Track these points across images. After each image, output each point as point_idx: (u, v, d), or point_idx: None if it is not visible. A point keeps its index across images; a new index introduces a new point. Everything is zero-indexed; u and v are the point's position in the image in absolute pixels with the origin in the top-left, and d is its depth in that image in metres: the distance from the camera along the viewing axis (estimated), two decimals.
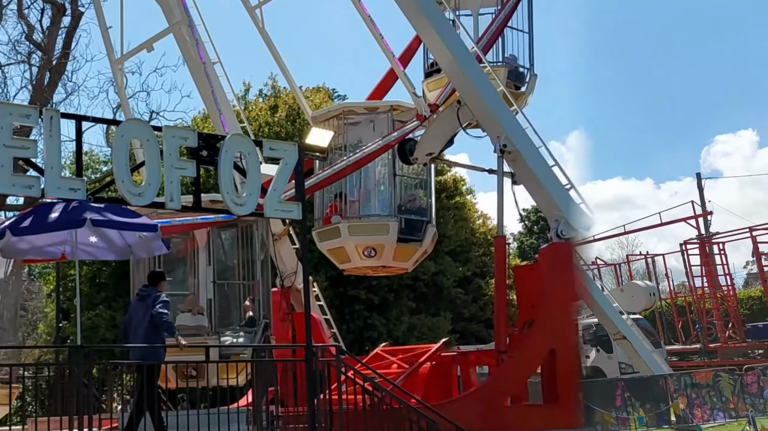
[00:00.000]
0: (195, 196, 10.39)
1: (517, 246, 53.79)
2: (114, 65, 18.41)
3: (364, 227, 16.05)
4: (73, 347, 10.00)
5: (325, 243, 16.45)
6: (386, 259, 15.95)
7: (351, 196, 16.50)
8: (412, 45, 18.30)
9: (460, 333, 29.27)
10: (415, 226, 16.25)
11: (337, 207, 16.07)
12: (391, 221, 15.92)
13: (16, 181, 9.15)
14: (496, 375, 14.15)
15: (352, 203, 16.37)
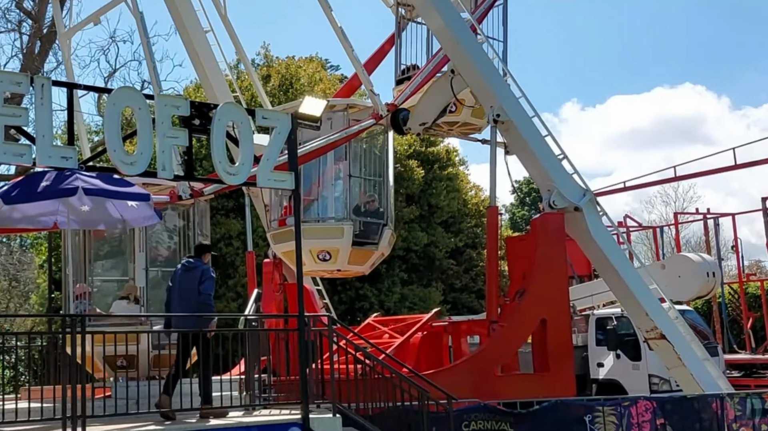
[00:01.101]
0: (187, 166, 10.37)
1: (509, 218, 53.91)
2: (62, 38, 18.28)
3: (317, 230, 15.35)
4: (67, 316, 10.01)
5: (280, 246, 15.72)
6: (341, 263, 15.36)
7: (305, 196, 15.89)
8: (384, 47, 18.19)
9: (452, 303, 29.42)
10: (372, 229, 15.57)
11: (291, 208, 15.08)
12: (345, 224, 15.26)
13: (7, 149, 9.07)
14: (487, 344, 14.23)
15: (306, 204, 15.82)
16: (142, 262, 13.84)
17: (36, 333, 12.91)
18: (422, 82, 15.74)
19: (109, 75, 31.98)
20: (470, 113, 16.30)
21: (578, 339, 19.20)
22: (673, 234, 27.67)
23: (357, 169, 15.77)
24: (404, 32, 17.44)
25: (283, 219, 15.67)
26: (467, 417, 11.87)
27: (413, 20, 17.41)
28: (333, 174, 15.91)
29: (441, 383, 11.60)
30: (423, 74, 15.80)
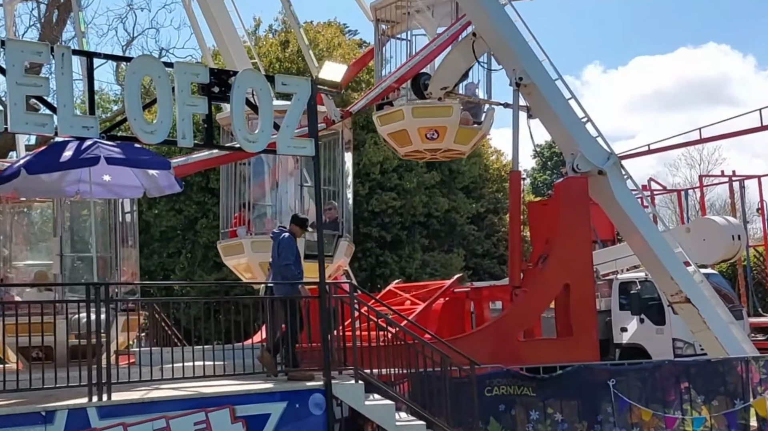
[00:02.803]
0: (207, 133, 10.43)
1: (531, 183, 53.71)
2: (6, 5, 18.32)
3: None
4: (90, 284, 10.16)
5: (229, 259, 15.51)
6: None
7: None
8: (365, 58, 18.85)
9: (473, 269, 29.51)
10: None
11: (243, 218, 15.16)
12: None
13: (29, 119, 9.20)
14: (509, 309, 14.31)
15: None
16: (57, 247, 13.28)
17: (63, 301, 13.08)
18: (381, 93, 15.93)
19: (127, 43, 32.08)
20: (453, 139, 16.50)
21: (601, 304, 19.29)
22: (697, 197, 27.92)
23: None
24: (385, 48, 17.61)
25: (234, 230, 15.20)
26: (490, 382, 12.00)
27: (394, 36, 17.47)
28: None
29: (463, 349, 11.70)
30: (384, 84, 15.88)
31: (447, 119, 16.23)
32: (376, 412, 10.57)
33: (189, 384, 10.26)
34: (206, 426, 9.55)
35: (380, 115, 16.86)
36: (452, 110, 16.14)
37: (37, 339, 10.01)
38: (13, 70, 8.92)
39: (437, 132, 16.21)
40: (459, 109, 16.20)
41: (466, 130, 16.51)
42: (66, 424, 8.84)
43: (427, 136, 16.14)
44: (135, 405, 9.31)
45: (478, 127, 16.81)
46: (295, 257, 11.45)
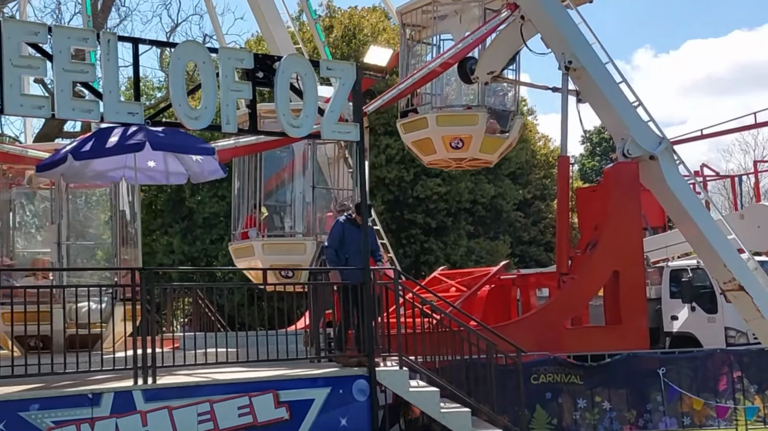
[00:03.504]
0: (251, 119, 10.53)
1: (579, 169, 53.21)
2: None
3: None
4: (136, 269, 10.36)
5: (240, 261, 15.53)
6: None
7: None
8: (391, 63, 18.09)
9: (520, 256, 29.40)
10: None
11: (255, 219, 15.10)
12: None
13: (75, 105, 9.35)
14: (557, 297, 14.26)
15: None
16: (55, 235, 13.21)
17: (104, 285, 13.34)
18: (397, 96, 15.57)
19: (171, 30, 32.44)
20: (478, 149, 16.32)
21: (651, 292, 19.10)
22: (752, 183, 27.41)
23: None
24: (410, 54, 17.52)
25: (246, 232, 15.07)
26: (536, 370, 11.98)
27: (421, 41, 17.35)
28: None
29: (509, 336, 11.70)
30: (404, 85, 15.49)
31: (472, 128, 16.03)
32: (420, 399, 10.63)
33: (232, 369, 10.43)
34: (250, 411, 9.69)
35: (404, 122, 16.72)
36: (477, 119, 15.94)
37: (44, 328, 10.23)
38: (60, 56, 9.07)
39: (462, 141, 16.01)
40: (485, 118, 15.97)
41: (492, 139, 16.30)
42: (112, 406, 9.05)
43: (451, 145, 15.95)
44: (179, 389, 9.49)
45: (504, 136, 16.56)
46: (338, 242, 11.55)
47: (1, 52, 8.64)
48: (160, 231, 27.02)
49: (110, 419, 9.02)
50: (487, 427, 10.77)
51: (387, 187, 26.97)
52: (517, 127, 16.66)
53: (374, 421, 10.39)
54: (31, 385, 9.29)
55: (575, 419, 12.07)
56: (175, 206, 27.29)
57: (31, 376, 9.32)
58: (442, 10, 16.87)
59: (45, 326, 10.18)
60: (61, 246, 12.95)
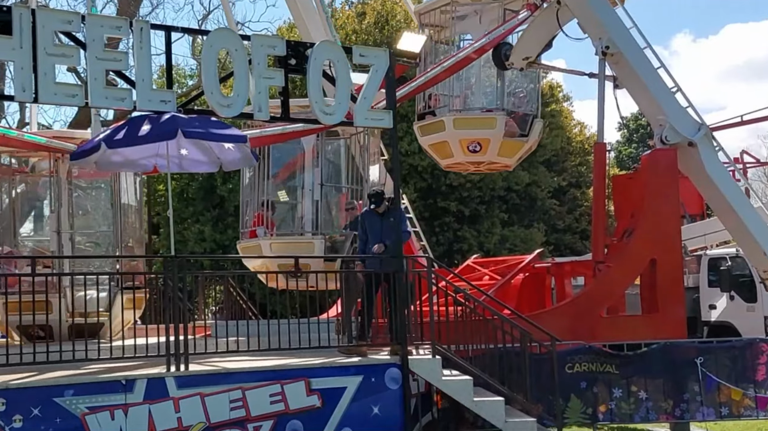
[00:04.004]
0: (284, 106, 10.59)
1: (615, 156, 52.80)
2: None
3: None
4: (168, 256, 10.50)
5: (249, 261, 15.24)
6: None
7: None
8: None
9: (554, 244, 29.32)
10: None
11: (263, 218, 14.81)
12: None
13: (108, 93, 9.47)
14: (592, 285, 14.23)
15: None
16: (55, 224, 12.96)
17: (137, 273, 13.50)
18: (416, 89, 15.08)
19: (203, 17, 32.63)
20: (496, 152, 16.15)
21: (689, 281, 18.99)
22: None
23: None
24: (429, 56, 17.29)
25: (254, 230, 14.85)
26: (571, 359, 11.99)
27: (441, 42, 17.21)
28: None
29: (544, 325, 11.70)
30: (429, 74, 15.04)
31: (490, 131, 15.88)
32: (453, 388, 10.68)
33: (264, 357, 10.54)
34: (282, 398, 9.80)
35: (421, 125, 16.61)
36: (495, 122, 15.75)
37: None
38: (93, 45, 9.19)
39: (480, 144, 15.85)
40: (503, 121, 15.79)
41: (511, 143, 16.13)
42: (145, 392, 9.20)
43: (469, 149, 15.77)
44: (212, 376, 9.62)
45: (524, 139, 16.39)
46: (362, 232, 11.77)
47: (36, 41, 8.78)
48: (191, 220, 27.28)
49: (143, 405, 9.16)
50: (520, 416, 10.79)
51: (420, 174, 26.98)
52: (537, 130, 16.42)
53: (406, 410, 10.44)
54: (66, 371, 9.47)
55: (610, 408, 12.06)
56: (206, 194, 27.53)
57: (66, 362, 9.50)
58: (461, 10, 16.73)
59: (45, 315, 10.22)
60: (61, 235, 12.86)
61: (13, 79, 9.07)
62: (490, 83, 16.48)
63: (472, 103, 16.70)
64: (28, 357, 9.31)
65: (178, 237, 25.93)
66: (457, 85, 16.66)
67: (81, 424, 8.86)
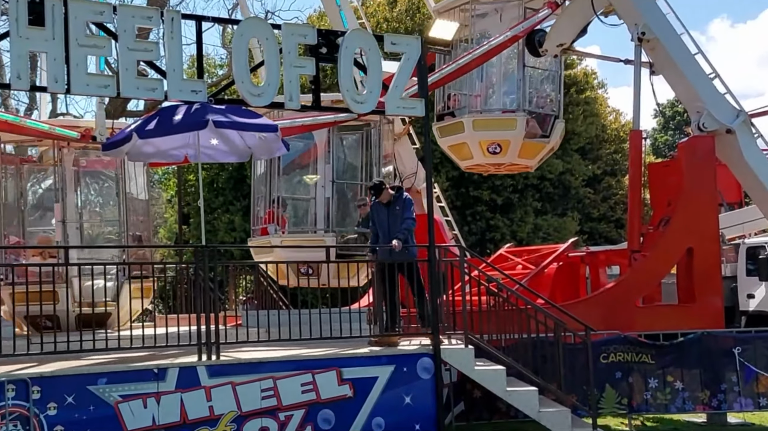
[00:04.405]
0: (314, 95, 10.64)
1: (651, 144, 52.39)
2: None
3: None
4: (199, 246, 10.61)
5: (260, 257, 15.28)
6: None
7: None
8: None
9: (589, 233, 29.16)
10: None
11: (274, 215, 14.69)
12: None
13: (140, 83, 9.60)
14: (628, 274, 14.16)
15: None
16: (60, 214, 12.97)
17: (171, 263, 13.66)
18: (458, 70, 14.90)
19: (233, 7, 32.74)
20: (517, 154, 15.96)
21: (727, 270, 18.81)
22: None
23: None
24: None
25: (265, 228, 14.73)
26: (606, 349, 11.96)
27: (460, 40, 16.98)
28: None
29: (578, 314, 11.65)
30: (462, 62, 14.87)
31: (510, 132, 15.70)
32: (486, 377, 10.70)
33: (295, 347, 10.63)
34: (313, 388, 9.89)
35: (440, 126, 16.43)
36: (516, 123, 15.53)
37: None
38: (124, 35, 9.31)
39: (500, 146, 15.65)
40: (524, 122, 15.59)
41: (532, 144, 15.92)
42: (177, 381, 9.33)
43: (489, 150, 15.56)
44: (243, 365, 9.73)
45: (545, 140, 16.17)
46: (373, 223, 11.81)
47: (68, 32, 8.91)
48: (221, 209, 27.46)
49: (175, 393, 9.30)
50: (554, 406, 10.80)
51: (452, 163, 26.88)
52: (558, 131, 16.20)
53: (439, 399, 10.48)
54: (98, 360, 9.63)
55: (646, 399, 12.02)
56: (236, 184, 27.70)
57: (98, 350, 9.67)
58: (481, 8, 16.58)
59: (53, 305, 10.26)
60: (66, 225, 12.95)
61: (46, 71, 9.20)
62: (511, 83, 16.24)
63: (492, 104, 16.47)
64: (62, 345, 9.48)
65: (209, 227, 26.11)
66: (477, 84, 16.49)
67: (114, 412, 9.01)
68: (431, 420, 10.43)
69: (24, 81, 8.99)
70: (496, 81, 16.41)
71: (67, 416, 8.83)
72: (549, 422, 10.58)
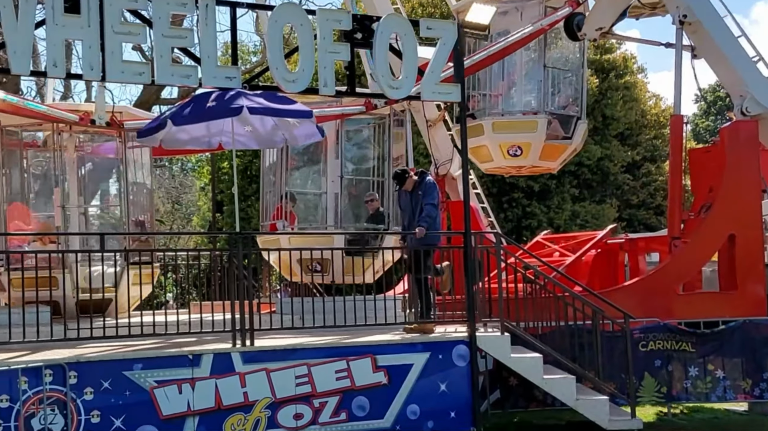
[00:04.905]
0: (349, 81, 10.68)
1: (692, 129, 51.80)
2: None
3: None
4: (233, 233, 10.71)
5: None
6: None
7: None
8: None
9: (627, 220, 28.95)
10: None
11: (283, 210, 14.33)
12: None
13: (174, 70, 9.70)
14: (668, 261, 14.05)
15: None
16: (59, 198, 12.73)
17: (205, 250, 13.75)
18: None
19: None
20: (538, 156, 15.72)
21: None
22: None
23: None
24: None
25: (274, 224, 14.32)
26: (645, 336, 11.93)
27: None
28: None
29: (616, 302, 11.60)
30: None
31: (531, 135, 15.49)
32: (522, 365, 10.72)
33: (329, 334, 10.73)
34: (347, 375, 9.96)
35: (459, 128, 16.30)
36: (537, 125, 15.30)
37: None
38: (159, 22, 9.40)
39: (520, 148, 15.44)
40: (545, 124, 15.36)
41: (553, 146, 15.68)
42: (212, 367, 9.45)
43: (509, 153, 15.35)
44: (277, 352, 9.83)
45: (567, 142, 15.90)
46: (402, 209, 11.78)
47: (103, 20, 9.01)
48: (255, 197, 27.60)
49: (210, 379, 9.42)
50: (592, 395, 10.79)
51: None
52: (581, 132, 15.92)
53: (474, 387, 10.51)
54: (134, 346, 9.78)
55: (686, 387, 11.98)
56: None
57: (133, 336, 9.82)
58: (502, 7, 16.37)
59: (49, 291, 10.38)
60: (66, 210, 12.86)
61: (81, 58, 9.32)
62: (532, 84, 16.04)
63: (512, 106, 16.26)
64: (98, 331, 9.63)
65: (242, 214, 26.27)
66: (497, 85, 16.29)
67: (149, 397, 9.15)
68: (467, 407, 10.46)
69: (60, 68, 9.14)
70: (516, 82, 16.16)
71: (104, 401, 8.98)
72: (587, 410, 10.59)
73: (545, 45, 15.86)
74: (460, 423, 10.42)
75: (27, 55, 8.97)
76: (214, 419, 9.38)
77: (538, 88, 15.83)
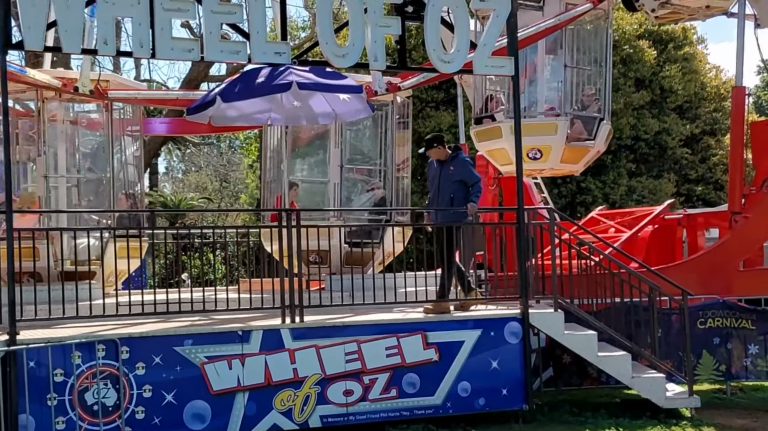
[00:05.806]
0: (400, 55, 10.67)
1: (754, 102, 50.67)
2: None
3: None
4: (281, 210, 10.80)
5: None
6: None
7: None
8: None
9: (685, 196, 28.54)
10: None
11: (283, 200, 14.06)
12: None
13: (224, 47, 9.76)
14: (728, 237, 13.87)
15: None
16: (43, 168, 12.38)
17: (254, 226, 13.88)
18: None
19: None
20: (559, 159, 15.13)
21: None
22: None
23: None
24: None
25: (275, 215, 13.66)
26: (703, 314, 11.79)
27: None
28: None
29: (674, 278, 11.48)
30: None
31: (551, 137, 14.94)
32: (576, 343, 10.68)
33: (379, 311, 10.79)
34: (398, 351, 10.02)
35: (478, 130, 15.82)
36: (557, 127, 14.83)
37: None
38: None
39: (540, 152, 14.96)
40: (565, 126, 14.89)
41: (575, 148, 15.16)
42: (261, 343, 9.58)
43: (528, 156, 14.77)
44: (327, 329, 9.92)
45: (590, 144, 15.36)
46: (430, 182, 11.65)
47: None
48: None
49: (260, 356, 9.55)
50: (648, 373, 10.74)
51: None
52: (604, 133, 15.58)
53: (527, 365, 10.51)
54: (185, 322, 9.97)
55: (745, 365, 11.84)
56: None
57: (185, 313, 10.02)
58: (523, 1, 15.99)
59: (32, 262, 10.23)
60: (49, 180, 12.50)
61: (131, 36, 9.45)
62: (553, 84, 15.69)
63: (532, 107, 15.84)
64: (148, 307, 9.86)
65: None
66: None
67: (200, 372, 9.32)
68: (519, 385, 10.48)
69: (111, 46, 9.24)
70: (536, 82, 15.85)
71: (155, 376, 9.17)
72: (643, 388, 10.55)
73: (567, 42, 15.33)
74: (512, 401, 10.45)
75: (78, 34, 9.11)
76: (264, 395, 9.52)
77: (558, 89, 15.48)
